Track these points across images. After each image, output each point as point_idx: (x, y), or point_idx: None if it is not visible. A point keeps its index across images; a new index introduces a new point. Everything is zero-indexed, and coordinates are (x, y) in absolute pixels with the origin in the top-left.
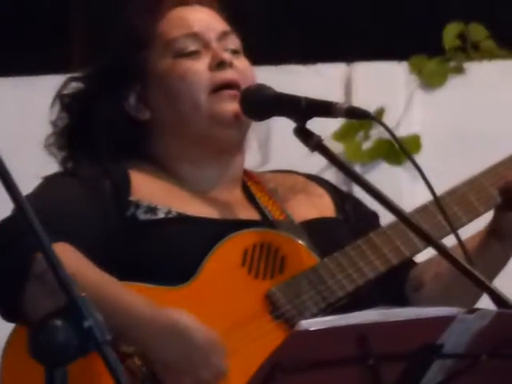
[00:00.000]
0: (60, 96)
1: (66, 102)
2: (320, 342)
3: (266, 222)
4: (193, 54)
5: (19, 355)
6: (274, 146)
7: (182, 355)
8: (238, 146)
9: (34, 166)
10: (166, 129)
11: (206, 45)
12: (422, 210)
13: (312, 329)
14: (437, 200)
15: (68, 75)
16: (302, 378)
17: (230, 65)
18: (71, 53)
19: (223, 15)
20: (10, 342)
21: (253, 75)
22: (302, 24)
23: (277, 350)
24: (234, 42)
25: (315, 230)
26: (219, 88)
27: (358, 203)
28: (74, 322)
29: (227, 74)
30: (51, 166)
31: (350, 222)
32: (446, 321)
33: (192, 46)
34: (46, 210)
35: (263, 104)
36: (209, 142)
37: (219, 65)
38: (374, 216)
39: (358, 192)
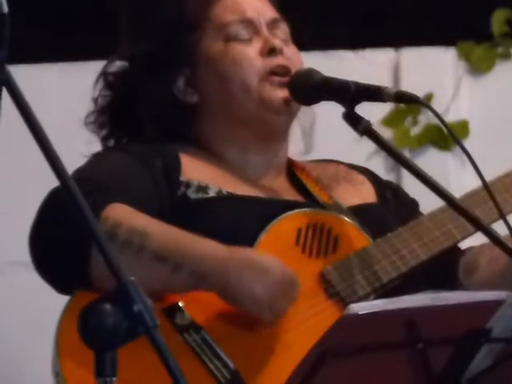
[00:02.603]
0: (104, 74)
1: (110, 81)
2: (369, 326)
3: (315, 204)
4: (244, 40)
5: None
6: (318, 135)
7: (261, 286)
8: (284, 133)
9: (82, 152)
10: (214, 113)
11: (257, 31)
12: (471, 195)
13: (361, 313)
14: (486, 185)
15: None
16: (351, 362)
17: (281, 52)
18: (117, 38)
19: (273, 2)
20: (68, 308)
21: (301, 62)
22: (351, 10)
23: (326, 334)
24: (283, 29)
25: (361, 214)
26: (271, 73)
27: (399, 191)
28: (124, 306)
29: (279, 60)
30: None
31: (391, 209)
32: (495, 305)
33: (244, 32)
34: (100, 177)
35: (312, 88)
36: (257, 126)
37: (270, 51)
38: (414, 204)
39: (407, 177)
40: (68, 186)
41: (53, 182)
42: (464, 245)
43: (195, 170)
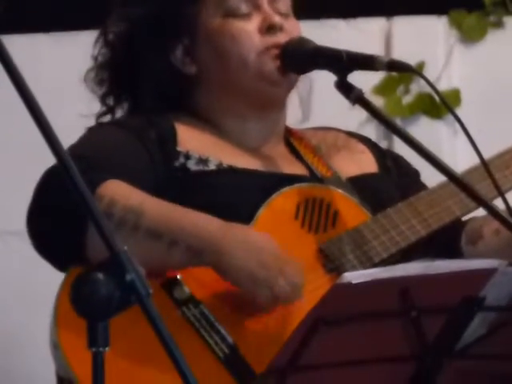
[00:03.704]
0: (105, 32)
1: (110, 39)
2: (362, 294)
3: (314, 178)
4: (243, 15)
5: None
6: (315, 102)
7: (257, 264)
8: (283, 103)
9: (74, 123)
10: (212, 84)
11: (258, 5)
12: (470, 172)
13: (354, 282)
14: (478, 153)
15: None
16: (345, 330)
17: (281, 29)
18: (111, 9)
19: None
20: (65, 283)
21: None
22: None
23: (319, 303)
24: (284, 3)
25: (361, 186)
26: (269, 49)
27: (400, 159)
28: (116, 275)
29: (278, 39)
30: (90, 124)
31: (392, 178)
32: (488, 273)
33: (244, 7)
34: (94, 154)
35: (304, 57)
36: (255, 98)
37: (269, 28)
38: (416, 173)
39: (399, 146)
40: (64, 163)
41: (44, 154)
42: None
43: (193, 140)
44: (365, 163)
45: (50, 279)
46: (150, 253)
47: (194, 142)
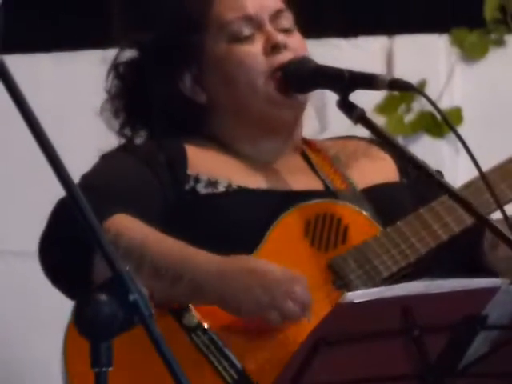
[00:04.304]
0: (115, 65)
1: (121, 71)
2: (364, 314)
3: (327, 192)
4: (247, 37)
5: None
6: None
7: (261, 288)
8: (294, 124)
9: (75, 143)
10: (223, 112)
11: (260, 27)
12: (468, 186)
13: (356, 301)
14: (480, 171)
15: (108, 50)
16: (346, 350)
17: (285, 47)
18: (111, 28)
19: None
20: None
21: (306, 50)
22: None
23: (321, 323)
24: (287, 19)
25: (378, 196)
26: (276, 71)
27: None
28: (119, 295)
29: (282, 58)
30: (92, 143)
31: (413, 185)
32: (490, 292)
33: (246, 30)
34: (103, 184)
35: (306, 76)
36: (266, 122)
37: (274, 48)
38: (439, 174)
39: None
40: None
41: (47, 176)
42: None
43: (204, 163)
44: (385, 171)
45: (51, 300)
46: (155, 287)
47: (204, 164)
